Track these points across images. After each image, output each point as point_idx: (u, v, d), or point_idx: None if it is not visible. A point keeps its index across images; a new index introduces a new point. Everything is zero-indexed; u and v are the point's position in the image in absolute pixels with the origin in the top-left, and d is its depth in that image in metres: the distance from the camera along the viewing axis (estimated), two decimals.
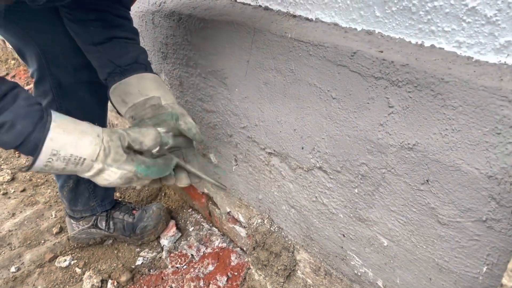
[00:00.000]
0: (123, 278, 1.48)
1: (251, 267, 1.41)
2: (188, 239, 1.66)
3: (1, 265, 1.57)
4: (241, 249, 1.58)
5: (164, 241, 1.64)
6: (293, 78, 0.94)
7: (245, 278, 1.45)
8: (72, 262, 1.58)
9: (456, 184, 0.70)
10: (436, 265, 0.81)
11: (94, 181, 0.89)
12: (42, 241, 1.69)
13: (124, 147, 0.87)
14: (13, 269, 1.55)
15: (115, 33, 1.09)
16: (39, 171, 0.81)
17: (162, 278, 1.50)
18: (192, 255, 1.58)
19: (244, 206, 1.41)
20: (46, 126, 0.78)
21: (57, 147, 0.78)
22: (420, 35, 0.73)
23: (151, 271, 1.54)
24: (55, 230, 1.73)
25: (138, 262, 1.58)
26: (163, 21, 1.32)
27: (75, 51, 1.18)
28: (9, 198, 1.97)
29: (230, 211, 1.50)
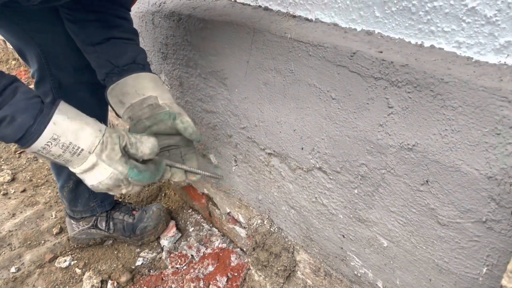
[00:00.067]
0: (123, 279, 1.48)
1: (251, 268, 1.41)
2: (188, 240, 1.66)
3: (1, 266, 1.57)
4: (241, 250, 1.58)
5: (164, 242, 1.64)
6: (293, 79, 0.94)
7: (245, 279, 1.45)
8: (72, 263, 1.58)
9: (456, 185, 0.70)
10: (436, 266, 0.80)
11: (84, 180, 0.89)
12: (42, 242, 1.69)
13: (121, 147, 0.88)
14: (13, 270, 1.55)
15: (114, 34, 1.09)
16: (35, 153, 0.81)
17: (162, 279, 1.50)
18: (192, 256, 1.58)
19: (244, 207, 1.40)
20: (51, 112, 0.79)
21: (59, 132, 0.79)
22: (420, 36, 0.73)
23: (151, 272, 1.54)
24: (55, 231, 1.73)
25: (138, 263, 1.58)
26: (163, 22, 1.32)
27: (75, 52, 1.18)
28: (10, 199, 1.97)
29: (230, 212, 1.50)
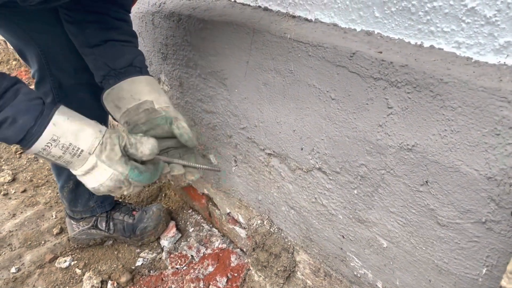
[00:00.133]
0: (123, 279, 1.48)
1: (251, 268, 1.40)
2: (188, 240, 1.66)
3: (1, 266, 1.57)
4: (241, 250, 1.57)
5: (164, 242, 1.64)
6: (292, 79, 0.94)
7: (245, 279, 1.45)
8: (72, 263, 1.58)
9: (455, 185, 0.69)
10: (436, 267, 0.80)
11: (85, 183, 0.89)
12: (43, 242, 1.69)
13: (121, 147, 0.88)
14: (13, 270, 1.55)
15: (112, 36, 1.09)
16: (36, 154, 0.82)
17: (162, 279, 1.50)
18: (192, 256, 1.58)
19: (244, 207, 1.40)
20: (51, 113, 0.80)
21: (59, 133, 0.80)
22: (420, 36, 0.73)
23: (151, 272, 1.54)
24: (56, 231, 1.73)
25: (138, 263, 1.58)
26: (163, 22, 1.32)
27: (76, 53, 1.18)
28: (10, 199, 1.97)
29: (230, 212, 1.50)
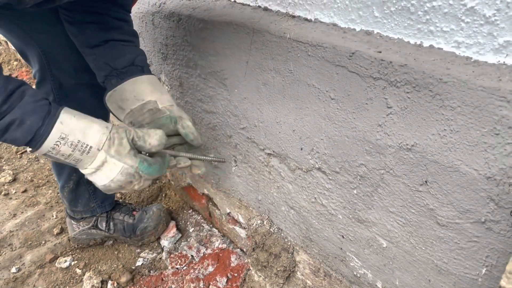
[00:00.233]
0: (123, 279, 1.48)
1: (251, 268, 1.40)
2: (188, 240, 1.66)
3: (2, 266, 1.57)
4: (241, 250, 1.57)
5: (164, 242, 1.64)
6: (292, 79, 0.94)
7: (245, 279, 1.45)
8: (73, 263, 1.59)
9: (455, 185, 0.69)
10: (435, 267, 0.80)
11: (96, 182, 0.90)
12: (43, 242, 1.70)
13: (129, 140, 0.89)
14: (14, 270, 1.55)
15: (112, 36, 1.09)
16: (46, 154, 0.82)
17: (162, 279, 1.50)
18: (192, 256, 1.58)
19: (244, 207, 1.40)
20: (57, 112, 0.81)
21: (66, 131, 0.81)
22: (419, 35, 0.73)
23: (151, 272, 1.54)
24: (56, 231, 1.74)
25: (138, 263, 1.58)
26: (163, 22, 1.32)
27: (76, 53, 1.18)
28: (11, 199, 1.98)
29: (230, 212, 1.50)
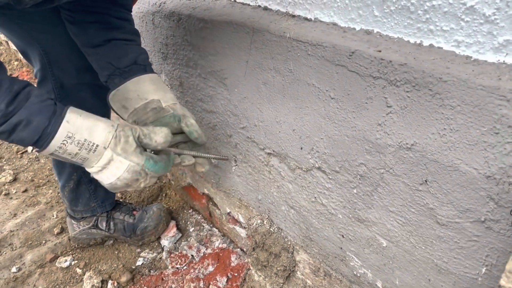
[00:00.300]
0: (123, 279, 1.48)
1: (251, 268, 1.40)
2: (189, 240, 1.66)
3: (2, 265, 1.57)
4: (241, 250, 1.57)
5: (165, 242, 1.64)
6: (292, 78, 0.94)
7: (245, 279, 1.45)
8: (73, 263, 1.59)
9: (455, 184, 0.69)
10: (435, 266, 0.80)
11: (102, 181, 0.90)
12: (43, 242, 1.70)
13: (135, 138, 0.89)
14: (14, 269, 1.55)
15: (114, 35, 1.10)
16: (53, 154, 0.83)
17: (162, 279, 1.50)
18: (192, 256, 1.58)
19: (244, 207, 1.40)
20: (63, 112, 0.81)
21: (73, 130, 0.81)
22: (419, 34, 0.73)
23: (151, 272, 1.54)
24: (56, 231, 1.74)
25: (139, 263, 1.58)
26: (163, 22, 1.32)
27: (77, 53, 1.19)
28: (11, 199, 1.98)
29: (230, 212, 1.50)
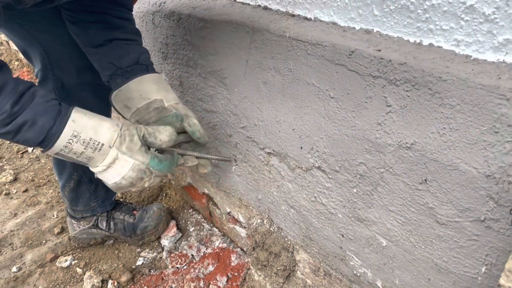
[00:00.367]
0: (124, 278, 1.48)
1: (251, 268, 1.40)
2: (189, 240, 1.66)
3: (3, 265, 1.58)
4: (242, 250, 1.57)
5: (165, 242, 1.64)
6: (292, 78, 0.94)
7: (245, 279, 1.45)
8: (73, 262, 1.59)
9: (454, 184, 0.69)
10: (435, 266, 0.80)
11: (106, 180, 0.91)
12: (44, 241, 1.70)
13: (140, 137, 0.90)
14: (14, 269, 1.56)
15: (116, 35, 1.10)
16: (58, 153, 0.83)
17: (163, 278, 1.50)
18: (193, 256, 1.58)
19: (244, 206, 1.40)
20: (68, 112, 0.82)
21: (79, 129, 0.82)
22: (419, 34, 0.73)
23: (152, 271, 1.54)
24: (57, 230, 1.74)
25: (139, 262, 1.58)
26: (163, 21, 1.32)
27: (78, 52, 1.19)
28: (11, 199, 1.98)
29: (230, 211, 1.50)
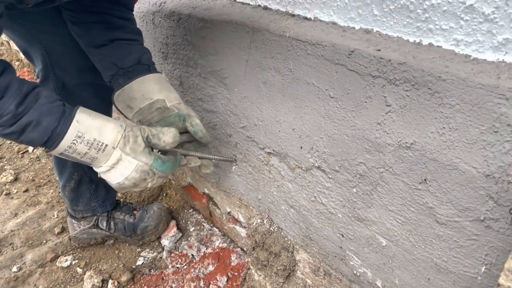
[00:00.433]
0: (124, 278, 1.49)
1: (251, 267, 1.40)
2: (189, 239, 1.66)
3: (3, 265, 1.58)
4: (242, 249, 1.57)
5: (165, 241, 1.64)
6: (292, 77, 0.94)
7: (245, 279, 1.45)
8: (73, 262, 1.59)
9: (454, 183, 0.69)
10: (435, 265, 0.80)
11: (110, 180, 0.91)
12: (44, 241, 1.70)
13: (144, 138, 0.91)
14: (15, 269, 1.56)
15: (117, 35, 1.10)
16: (62, 153, 0.84)
17: (163, 278, 1.50)
18: (193, 255, 1.58)
19: (244, 206, 1.40)
20: (73, 112, 0.82)
21: (83, 130, 0.82)
22: (418, 34, 0.73)
23: (152, 271, 1.54)
24: (57, 230, 1.74)
25: (139, 262, 1.58)
26: (163, 21, 1.32)
27: (79, 53, 1.19)
28: (12, 199, 1.98)
29: (230, 211, 1.50)
